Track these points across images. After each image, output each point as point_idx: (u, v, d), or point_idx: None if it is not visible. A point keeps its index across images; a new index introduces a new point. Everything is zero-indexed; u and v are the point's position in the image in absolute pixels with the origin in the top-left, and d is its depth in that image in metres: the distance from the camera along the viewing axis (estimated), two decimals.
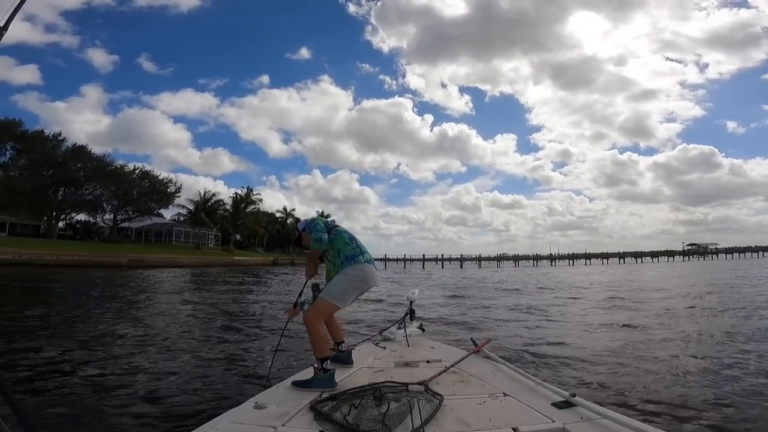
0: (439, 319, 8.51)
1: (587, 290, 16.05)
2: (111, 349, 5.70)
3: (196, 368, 4.81)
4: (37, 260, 26.51)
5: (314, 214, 43.17)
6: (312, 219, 3.00)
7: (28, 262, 25.74)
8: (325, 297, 2.65)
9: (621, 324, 7.65)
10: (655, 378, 4.26)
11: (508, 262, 67.45)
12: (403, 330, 3.73)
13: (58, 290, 14.39)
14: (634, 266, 49.48)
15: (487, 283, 21.47)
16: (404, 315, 4.02)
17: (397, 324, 3.95)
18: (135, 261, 32.13)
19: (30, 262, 25.79)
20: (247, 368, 4.87)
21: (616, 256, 69.05)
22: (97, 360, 5.06)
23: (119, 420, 3.23)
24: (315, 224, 2.90)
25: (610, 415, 1.83)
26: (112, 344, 6.02)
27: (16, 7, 1.45)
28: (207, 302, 11.60)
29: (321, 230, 2.81)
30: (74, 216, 45.72)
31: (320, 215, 3.05)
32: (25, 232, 40.44)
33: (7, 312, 8.53)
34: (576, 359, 5.03)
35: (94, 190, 43.18)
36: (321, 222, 2.98)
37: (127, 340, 6.24)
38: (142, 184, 46.01)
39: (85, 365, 4.77)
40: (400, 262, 68.16)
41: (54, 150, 40.28)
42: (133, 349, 5.68)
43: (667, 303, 10.82)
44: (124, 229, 48.54)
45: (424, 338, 3.90)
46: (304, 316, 2.64)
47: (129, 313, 9.11)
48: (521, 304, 11.14)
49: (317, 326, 2.57)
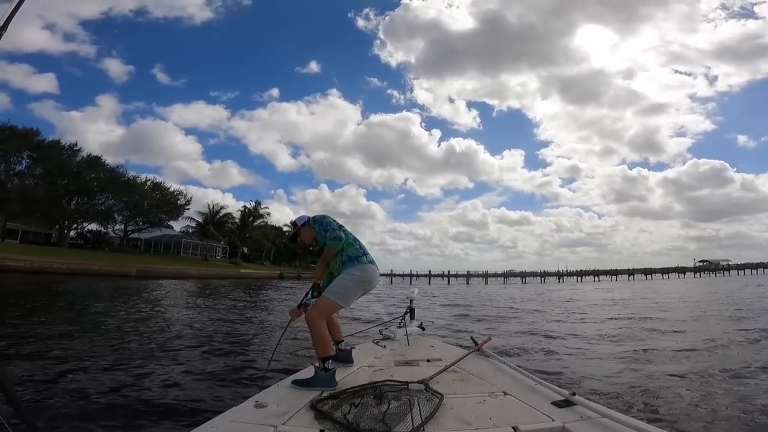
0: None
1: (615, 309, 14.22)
2: (115, 351, 5.74)
3: (198, 367, 4.86)
4: (48, 268, 26.81)
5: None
6: (321, 217, 2.93)
7: (40, 270, 26.02)
8: (329, 296, 2.61)
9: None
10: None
11: (515, 279, 66.81)
12: (403, 329, 3.75)
13: (67, 298, 14.53)
14: (647, 283, 48.45)
15: (499, 301, 19.83)
16: (404, 314, 4.05)
17: (397, 323, 3.98)
18: (143, 271, 32.34)
19: (41, 270, 26.08)
20: (247, 368, 4.90)
21: (626, 272, 68.00)
22: (100, 362, 5.10)
23: (119, 419, 3.22)
24: (329, 223, 2.86)
25: (610, 414, 1.83)
26: (117, 347, 6.05)
27: (15, 7, 1.44)
28: (211, 309, 11.64)
29: (337, 229, 2.79)
30: (86, 225, 46.35)
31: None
32: (37, 240, 41.07)
33: (18, 315, 8.61)
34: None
35: (106, 200, 43.96)
36: (330, 218, 2.93)
37: (127, 345, 6.25)
38: (153, 196, 46.70)
39: (88, 368, 4.79)
40: (407, 277, 67.85)
41: (69, 160, 41.15)
42: (138, 352, 5.71)
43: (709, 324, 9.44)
44: (134, 240, 49.11)
45: (424, 337, 3.91)
46: (306, 315, 2.61)
47: (132, 320, 9.18)
48: (555, 332, 8.42)
49: (319, 325, 2.53)
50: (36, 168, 39.57)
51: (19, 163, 39.40)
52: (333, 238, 2.73)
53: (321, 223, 2.86)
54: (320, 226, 2.84)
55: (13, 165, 38.76)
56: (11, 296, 12.95)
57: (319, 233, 2.83)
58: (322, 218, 2.90)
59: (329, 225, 2.82)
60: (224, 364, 5.05)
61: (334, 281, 2.70)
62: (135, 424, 3.17)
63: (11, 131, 37.80)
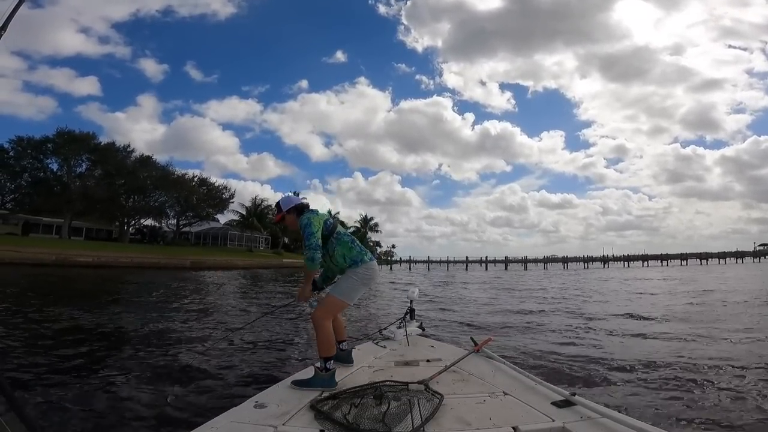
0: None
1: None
2: (137, 343, 5.80)
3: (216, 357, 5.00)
4: (114, 262, 29.06)
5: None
6: (308, 217, 2.62)
7: (106, 264, 28.24)
8: (337, 295, 2.60)
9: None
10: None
11: (556, 264, 65.12)
12: (403, 329, 3.73)
13: (148, 288, 15.54)
14: (704, 268, 44.94)
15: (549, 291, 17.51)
16: (404, 314, 4.04)
17: (397, 323, 3.98)
18: (196, 263, 34.27)
19: (107, 264, 28.32)
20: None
21: (677, 257, 64.45)
22: (114, 355, 5.14)
23: (119, 419, 3.18)
24: (309, 226, 2.56)
25: (610, 414, 1.83)
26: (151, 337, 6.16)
27: (14, 8, 1.44)
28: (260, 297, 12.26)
29: (316, 246, 2.51)
30: (142, 221, 49.46)
31: (317, 213, 2.69)
32: (99, 236, 44.42)
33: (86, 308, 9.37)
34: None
35: (159, 197, 46.68)
36: (317, 222, 2.60)
37: (165, 336, 6.31)
38: (201, 191, 49.00)
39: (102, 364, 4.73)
40: (443, 263, 67.88)
41: (124, 160, 44.01)
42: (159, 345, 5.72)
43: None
44: (185, 233, 51.95)
45: (424, 337, 3.88)
46: (312, 314, 2.58)
47: (195, 309, 9.63)
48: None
49: (326, 325, 2.51)
50: (95, 169, 42.61)
51: (80, 165, 42.63)
52: (308, 258, 2.50)
53: (302, 220, 2.63)
54: (303, 228, 2.59)
55: (74, 167, 42.02)
56: (105, 288, 14.11)
57: (302, 231, 2.62)
58: (304, 217, 2.63)
59: (309, 228, 2.55)
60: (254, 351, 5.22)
61: (341, 281, 2.68)
62: (136, 425, 3.10)
63: (70, 136, 40.83)
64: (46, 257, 26.02)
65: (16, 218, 39.90)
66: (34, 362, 4.61)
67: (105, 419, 3.16)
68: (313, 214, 2.66)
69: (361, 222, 63.16)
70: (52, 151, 40.58)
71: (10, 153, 39.90)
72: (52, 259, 26.14)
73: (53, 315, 7.91)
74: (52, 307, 8.93)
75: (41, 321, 7.29)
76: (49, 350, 5.16)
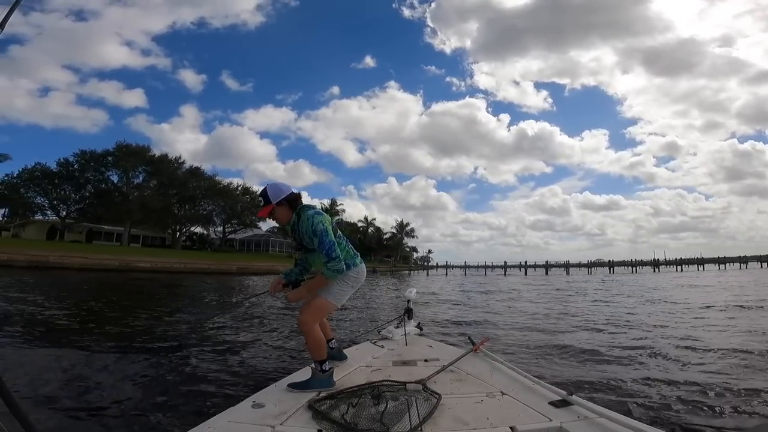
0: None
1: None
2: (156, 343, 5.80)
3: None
4: (169, 268, 31.04)
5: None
6: (312, 215, 2.43)
7: (161, 269, 30.24)
8: (327, 297, 2.52)
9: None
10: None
11: (602, 269, 62.34)
12: (401, 329, 3.73)
13: (212, 293, 16.47)
14: (765, 271, 40.57)
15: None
16: (402, 314, 4.04)
17: (395, 323, 3.99)
18: (242, 269, 35.96)
19: (163, 269, 30.32)
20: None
21: (737, 260, 59.89)
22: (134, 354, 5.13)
23: (120, 418, 3.16)
24: (327, 234, 2.38)
25: (608, 414, 1.83)
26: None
27: (11, 8, 1.46)
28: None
29: (339, 256, 2.39)
30: (192, 229, 52.41)
31: (322, 213, 2.50)
32: (154, 243, 47.63)
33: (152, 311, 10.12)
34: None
35: (206, 205, 49.42)
36: (328, 224, 2.44)
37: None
38: (244, 200, 51.42)
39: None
40: (481, 269, 66.78)
41: (176, 171, 47.07)
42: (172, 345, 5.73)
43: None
44: (230, 240, 54.63)
45: (422, 337, 3.89)
46: (299, 318, 2.48)
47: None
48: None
49: (316, 329, 2.45)
50: (151, 180, 45.77)
51: (137, 176, 45.93)
52: (333, 269, 2.37)
53: (312, 222, 2.39)
54: (309, 228, 2.39)
55: (132, 179, 45.30)
56: (187, 293, 15.21)
57: (306, 233, 2.43)
58: (313, 218, 2.40)
59: (324, 235, 2.37)
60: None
61: (331, 283, 2.52)
62: (136, 423, 3.07)
63: (128, 149, 44.16)
64: (110, 263, 28.27)
65: (80, 227, 43.60)
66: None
67: (105, 419, 3.13)
68: (321, 215, 2.46)
69: (398, 227, 63.48)
70: (113, 163, 44.06)
71: (75, 166, 43.64)
72: (116, 264, 28.36)
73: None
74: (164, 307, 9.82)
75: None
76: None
